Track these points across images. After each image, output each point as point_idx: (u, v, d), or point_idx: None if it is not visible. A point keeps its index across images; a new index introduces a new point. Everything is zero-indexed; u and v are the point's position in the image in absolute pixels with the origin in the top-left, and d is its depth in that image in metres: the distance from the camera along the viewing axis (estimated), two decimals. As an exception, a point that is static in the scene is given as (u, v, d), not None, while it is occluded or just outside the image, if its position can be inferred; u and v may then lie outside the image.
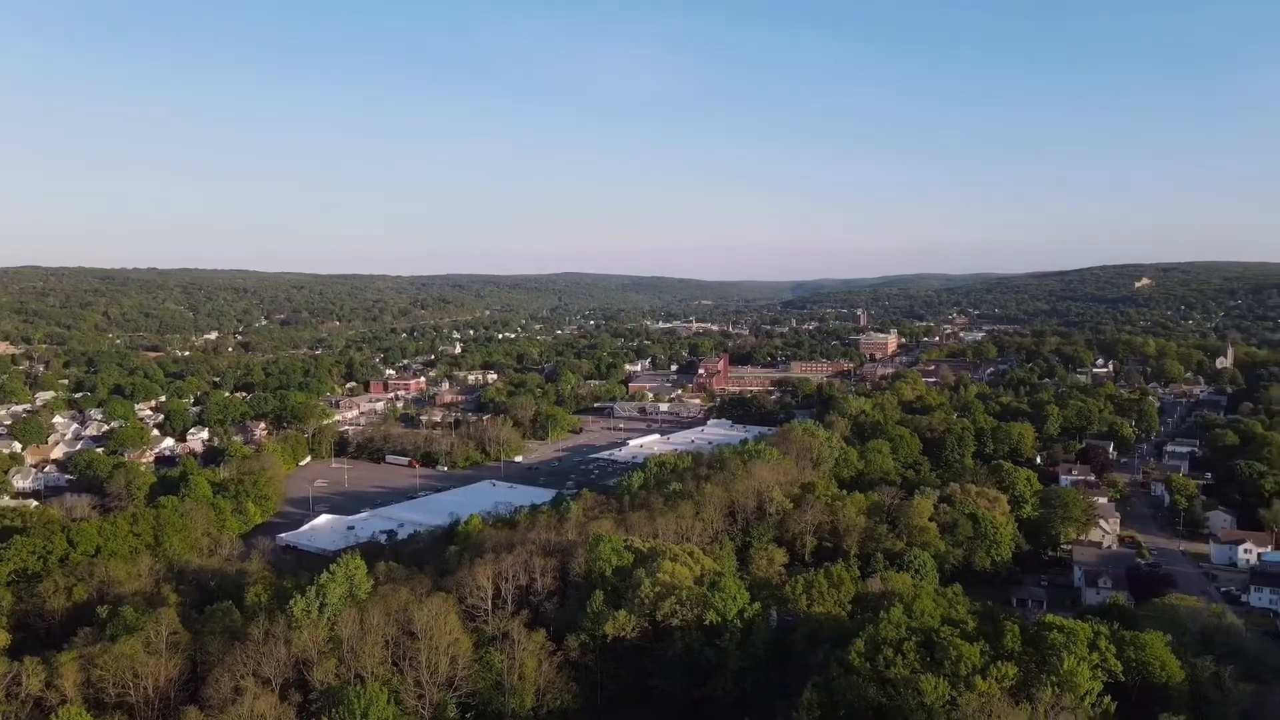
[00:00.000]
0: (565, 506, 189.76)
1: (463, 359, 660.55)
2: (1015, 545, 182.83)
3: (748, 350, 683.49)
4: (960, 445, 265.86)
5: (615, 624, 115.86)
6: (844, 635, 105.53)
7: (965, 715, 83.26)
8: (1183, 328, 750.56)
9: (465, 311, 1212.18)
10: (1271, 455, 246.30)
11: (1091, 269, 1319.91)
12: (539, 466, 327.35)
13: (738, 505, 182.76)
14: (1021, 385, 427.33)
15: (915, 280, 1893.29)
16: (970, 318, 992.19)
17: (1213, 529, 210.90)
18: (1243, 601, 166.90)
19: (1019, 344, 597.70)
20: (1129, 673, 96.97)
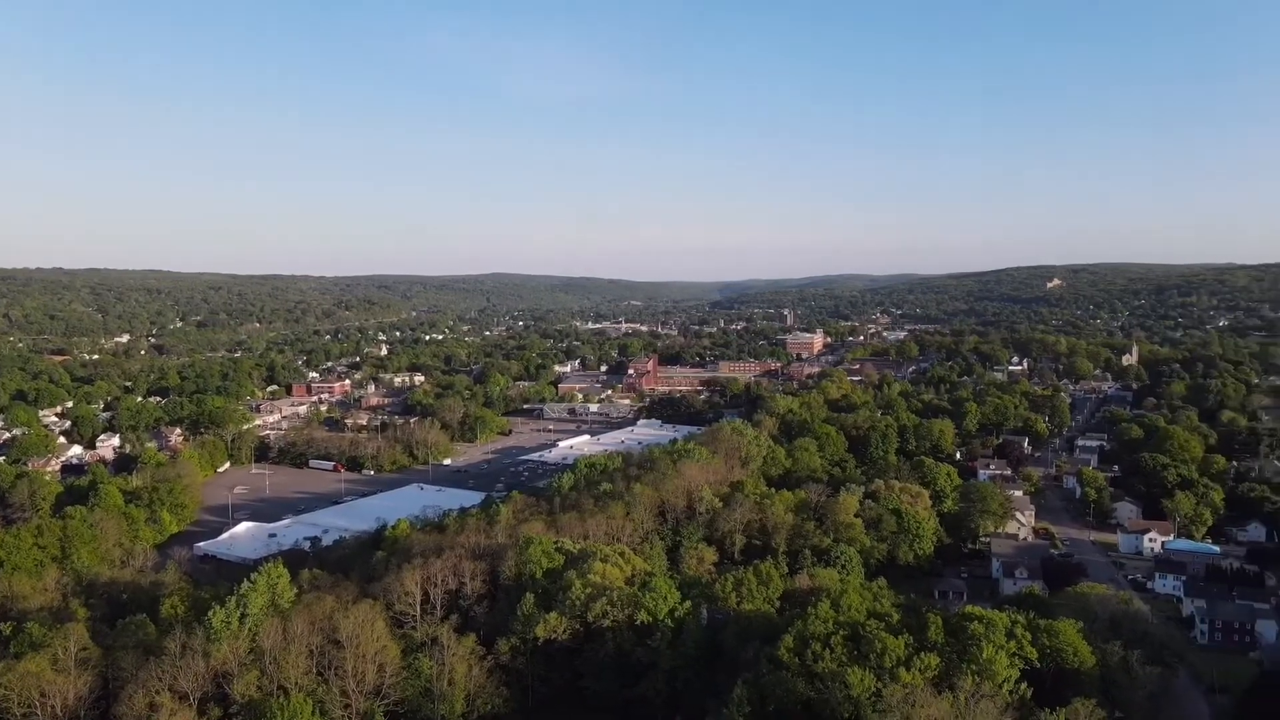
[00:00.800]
0: (495, 509, 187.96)
1: (389, 361, 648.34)
2: (937, 539, 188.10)
3: (677, 350, 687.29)
4: (884, 442, 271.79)
5: (546, 626, 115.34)
6: (773, 631, 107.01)
7: (890, 706, 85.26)
8: (1091, 327, 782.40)
9: (391, 313, 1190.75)
10: (1173, 448, 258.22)
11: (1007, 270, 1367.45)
12: (468, 469, 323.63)
13: (668, 505, 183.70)
14: (942, 383, 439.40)
15: (840, 281, 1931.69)
16: (893, 317, 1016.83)
17: (1120, 519, 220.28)
18: (1148, 588, 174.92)
19: (939, 343, 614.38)
20: (1044, 659, 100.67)
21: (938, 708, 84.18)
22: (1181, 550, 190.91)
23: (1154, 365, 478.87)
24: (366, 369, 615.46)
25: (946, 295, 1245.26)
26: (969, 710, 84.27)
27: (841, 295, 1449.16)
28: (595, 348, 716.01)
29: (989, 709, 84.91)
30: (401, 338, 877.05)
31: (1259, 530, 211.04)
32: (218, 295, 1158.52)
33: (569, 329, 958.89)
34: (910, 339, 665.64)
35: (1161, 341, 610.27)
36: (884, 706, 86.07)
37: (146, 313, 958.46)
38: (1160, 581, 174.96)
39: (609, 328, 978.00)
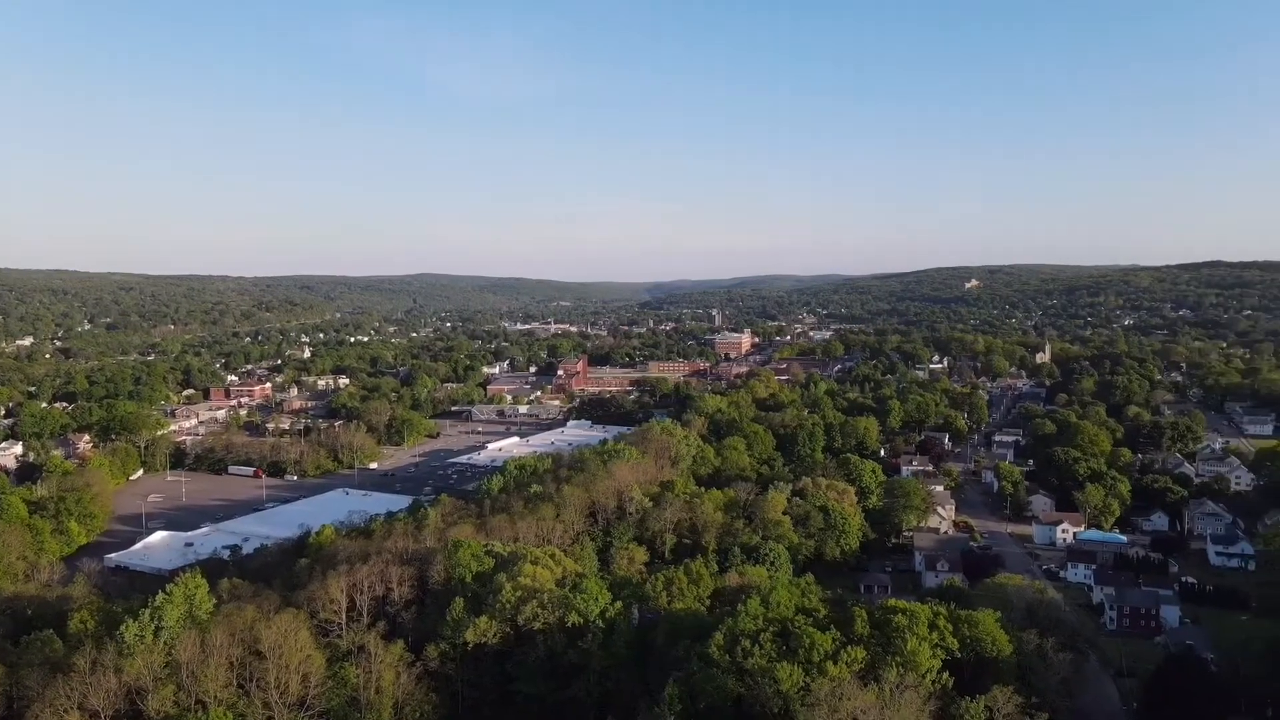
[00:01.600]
0: (423, 513, 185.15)
1: (312, 363, 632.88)
2: (862, 534, 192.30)
3: (606, 351, 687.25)
4: (811, 440, 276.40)
5: (476, 630, 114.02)
6: (704, 630, 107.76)
7: (818, 700, 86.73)
8: (1007, 326, 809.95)
9: (314, 314, 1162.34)
10: (1084, 442, 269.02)
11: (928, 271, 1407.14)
12: (395, 473, 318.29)
13: (598, 505, 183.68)
14: (866, 381, 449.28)
15: (768, 281, 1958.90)
16: (819, 317, 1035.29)
17: (1035, 512, 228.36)
18: (1061, 577, 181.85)
19: (864, 342, 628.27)
20: (964, 649, 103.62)
21: (864, 700, 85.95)
22: (1091, 540, 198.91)
23: (1065, 363, 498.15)
24: (289, 372, 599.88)
25: (870, 295, 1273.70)
26: (894, 701, 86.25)
27: (769, 296, 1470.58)
28: (524, 349, 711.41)
29: (913, 699, 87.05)
30: (325, 340, 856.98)
31: (1162, 520, 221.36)
32: (129, 296, 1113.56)
33: (497, 330, 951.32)
34: (836, 338, 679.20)
35: (1072, 340, 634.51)
36: (812, 700, 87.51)
37: (51, 314, 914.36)
38: (1072, 571, 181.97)
39: (538, 328, 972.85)
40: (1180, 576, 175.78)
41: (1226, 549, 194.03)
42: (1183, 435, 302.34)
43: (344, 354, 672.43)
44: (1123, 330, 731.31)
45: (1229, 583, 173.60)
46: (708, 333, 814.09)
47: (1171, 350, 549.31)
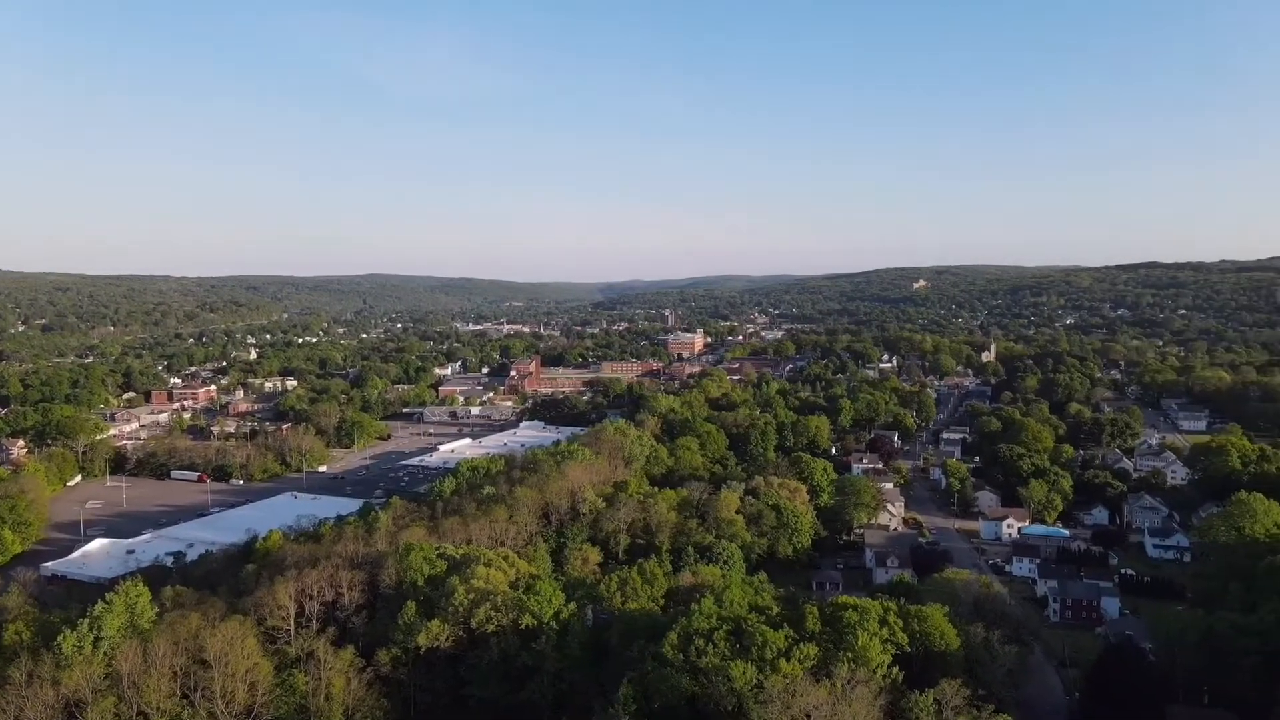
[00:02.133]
0: (374, 516, 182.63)
1: (259, 365, 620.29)
2: (814, 532, 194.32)
3: (559, 351, 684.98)
4: (763, 439, 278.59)
5: (428, 634, 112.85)
6: (658, 629, 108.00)
7: (771, 697, 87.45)
8: (954, 325, 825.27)
9: (261, 315, 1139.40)
10: (1028, 439, 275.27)
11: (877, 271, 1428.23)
12: (345, 476, 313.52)
13: (552, 506, 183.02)
14: (818, 380, 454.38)
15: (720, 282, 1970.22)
16: (771, 317, 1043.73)
17: (981, 507, 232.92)
18: (1007, 571, 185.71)
19: (815, 342, 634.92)
20: (913, 643, 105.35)
21: (816, 696, 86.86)
22: (1035, 535, 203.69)
23: (1010, 361, 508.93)
24: (234, 374, 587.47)
25: (821, 295, 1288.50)
26: (845, 696, 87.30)
27: (721, 296, 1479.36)
28: (476, 349, 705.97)
29: (864, 694, 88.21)
30: (272, 341, 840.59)
31: (1103, 514, 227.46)
32: (65, 297, 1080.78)
33: (449, 331, 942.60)
34: (787, 338, 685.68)
35: (1017, 339, 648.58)
36: (765, 698, 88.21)
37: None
38: (1017, 565, 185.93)
39: (490, 329, 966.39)
40: (1120, 569, 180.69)
41: (1163, 541, 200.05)
42: (1121, 431, 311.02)
43: (292, 355, 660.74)
44: (1064, 329, 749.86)
45: (1166, 574, 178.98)
46: (661, 333, 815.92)
47: (1111, 349, 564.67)
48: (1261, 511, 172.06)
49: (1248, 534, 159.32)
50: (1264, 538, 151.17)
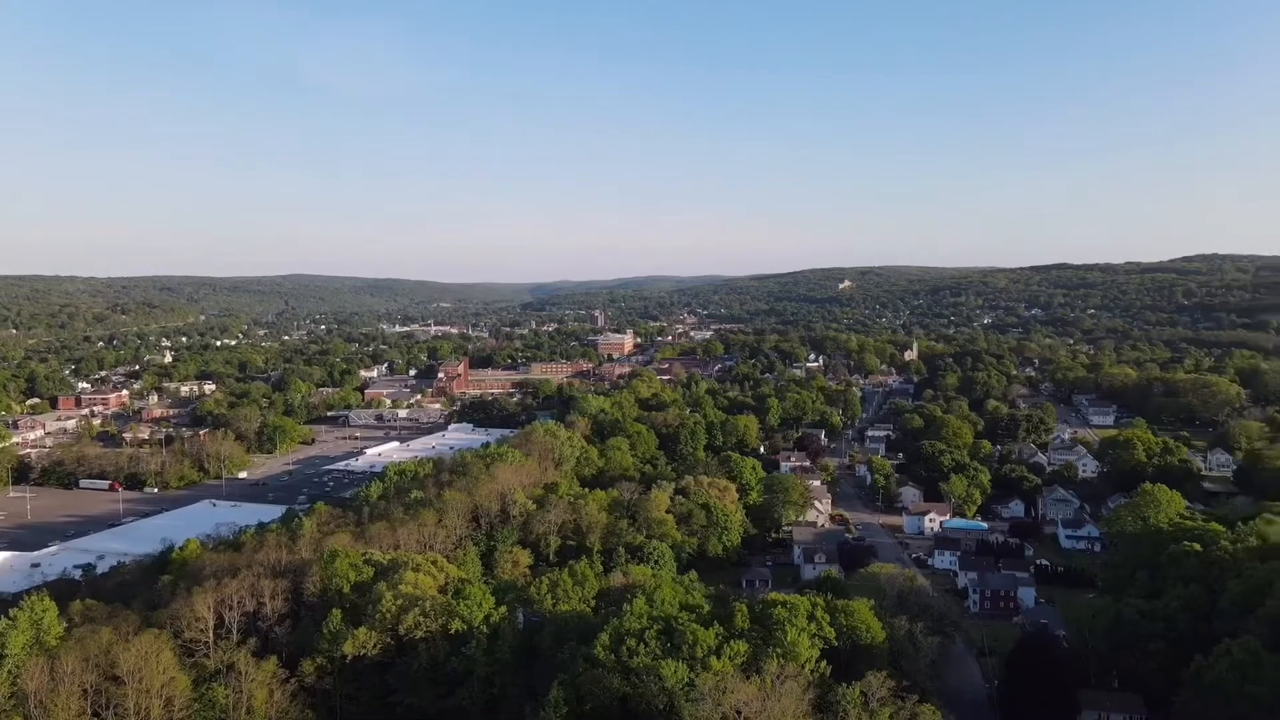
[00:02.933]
0: (297, 523, 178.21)
1: (174, 369, 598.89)
2: (744, 530, 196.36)
3: (488, 353, 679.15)
4: (693, 439, 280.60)
5: (355, 642, 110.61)
6: (589, 631, 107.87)
7: (702, 695, 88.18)
8: (878, 325, 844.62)
9: (176, 317, 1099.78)
10: (948, 435, 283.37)
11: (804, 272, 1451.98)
12: (267, 482, 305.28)
13: (481, 509, 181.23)
14: (746, 380, 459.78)
15: (649, 282, 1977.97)
16: (700, 318, 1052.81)
17: (905, 503, 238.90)
18: (929, 564, 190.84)
19: (743, 341, 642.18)
20: (841, 637, 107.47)
21: (746, 692, 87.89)
22: (956, 528, 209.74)
23: (932, 360, 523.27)
24: (148, 378, 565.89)
25: (749, 296, 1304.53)
26: (775, 691, 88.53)
27: (651, 296, 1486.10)
28: (403, 351, 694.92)
29: (793, 689, 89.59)
30: (189, 344, 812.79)
31: (1019, 507, 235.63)
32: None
33: (375, 332, 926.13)
34: (716, 338, 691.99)
35: (937, 338, 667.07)
36: (696, 695, 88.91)
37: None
38: (939, 558, 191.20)
39: (418, 331, 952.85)
40: (1035, 559, 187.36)
41: (1075, 532, 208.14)
42: (1036, 427, 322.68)
43: (210, 358, 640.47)
44: (982, 328, 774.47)
45: (1078, 563, 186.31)
46: (590, 333, 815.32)
47: (1025, 347, 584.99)
48: (1165, 502, 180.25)
49: (1152, 524, 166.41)
50: (1167, 527, 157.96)
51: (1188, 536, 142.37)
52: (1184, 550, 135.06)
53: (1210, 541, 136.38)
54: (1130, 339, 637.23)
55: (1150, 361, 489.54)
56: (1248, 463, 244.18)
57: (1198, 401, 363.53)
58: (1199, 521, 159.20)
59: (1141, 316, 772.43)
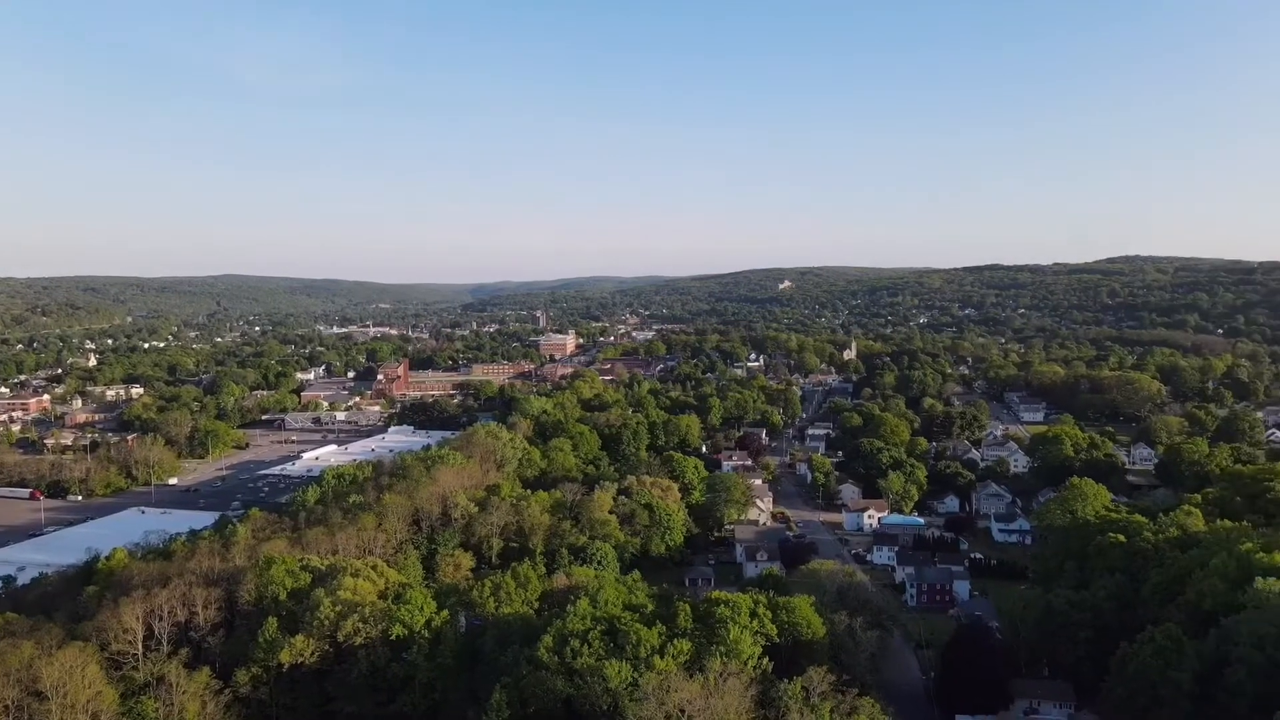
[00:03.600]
0: (231, 529, 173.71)
1: (99, 372, 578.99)
2: (686, 529, 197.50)
3: (428, 354, 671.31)
4: (635, 439, 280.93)
5: (292, 650, 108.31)
6: (533, 633, 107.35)
7: (646, 694, 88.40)
8: (818, 324, 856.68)
9: (102, 319, 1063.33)
10: (886, 433, 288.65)
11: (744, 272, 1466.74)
12: (199, 488, 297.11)
13: (422, 513, 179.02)
14: (688, 380, 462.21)
15: (591, 283, 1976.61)
16: (642, 318, 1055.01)
17: (844, 500, 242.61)
18: (868, 560, 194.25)
19: (685, 342, 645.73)
20: (782, 634, 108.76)
21: (689, 690, 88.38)
22: (894, 524, 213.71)
23: (870, 359, 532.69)
24: (71, 382, 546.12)
25: (691, 296, 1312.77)
26: (718, 689, 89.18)
27: (592, 297, 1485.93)
28: (341, 353, 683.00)
29: (735, 686, 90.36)
30: (115, 346, 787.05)
31: (954, 502, 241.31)
32: None
33: (312, 334, 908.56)
34: (658, 338, 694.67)
35: (875, 337, 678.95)
36: (640, 695, 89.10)
37: None
38: (878, 553, 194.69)
39: (356, 332, 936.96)
40: (970, 553, 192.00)
41: (1007, 526, 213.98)
42: (970, 424, 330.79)
43: (137, 361, 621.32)
44: (918, 328, 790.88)
45: (1010, 556, 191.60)
46: (532, 334, 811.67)
47: (960, 346, 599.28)
48: (1091, 495, 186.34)
49: (1080, 516, 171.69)
50: (1094, 519, 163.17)
51: (1113, 528, 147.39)
52: (1109, 542, 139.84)
53: (1134, 533, 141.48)
54: (1058, 338, 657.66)
55: (1077, 359, 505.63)
56: (1168, 457, 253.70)
57: (1121, 398, 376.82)
58: (1123, 514, 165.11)
59: (1069, 316, 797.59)
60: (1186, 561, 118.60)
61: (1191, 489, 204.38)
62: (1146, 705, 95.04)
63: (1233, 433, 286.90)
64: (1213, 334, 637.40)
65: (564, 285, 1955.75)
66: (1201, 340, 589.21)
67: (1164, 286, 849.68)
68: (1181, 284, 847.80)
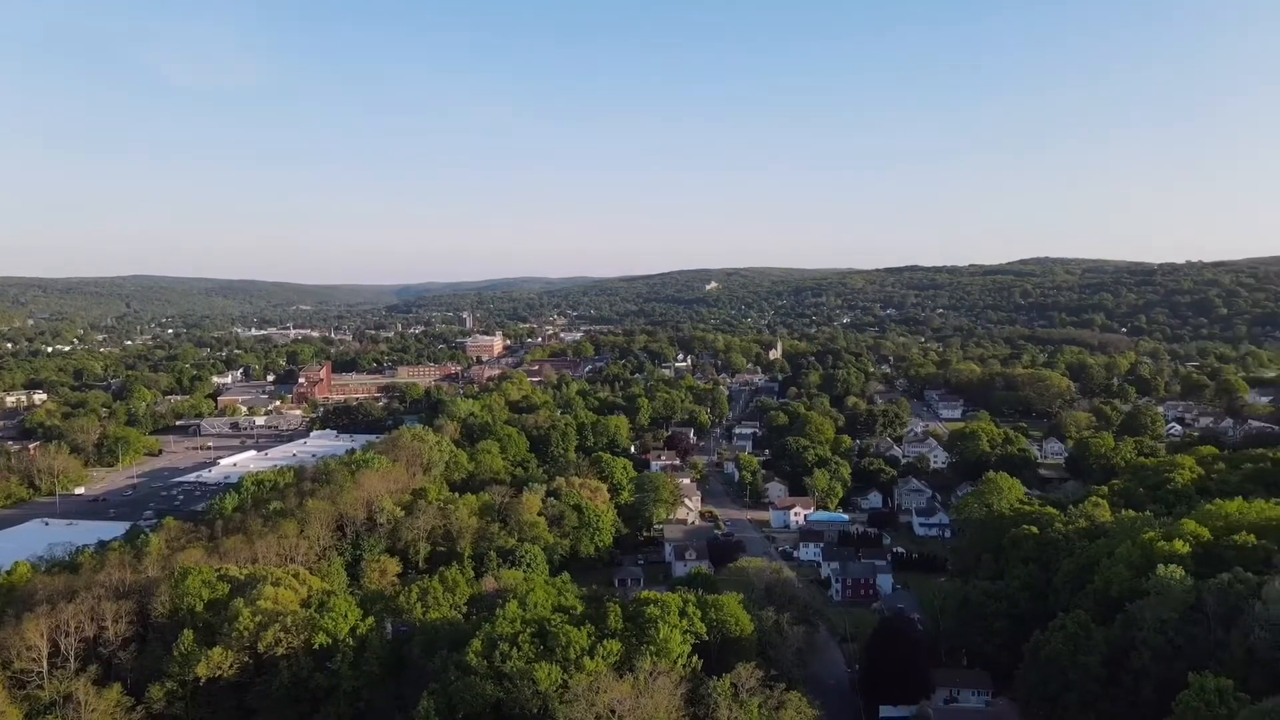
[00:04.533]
0: (143, 540, 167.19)
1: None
2: (615, 530, 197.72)
3: (352, 356, 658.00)
4: (564, 440, 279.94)
5: (209, 663, 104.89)
6: (461, 638, 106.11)
7: (576, 696, 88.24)
8: (744, 325, 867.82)
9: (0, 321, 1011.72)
10: (811, 431, 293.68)
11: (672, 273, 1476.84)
12: (108, 498, 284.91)
13: (347, 518, 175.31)
14: (616, 380, 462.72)
15: (518, 283, 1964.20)
16: (569, 319, 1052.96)
17: (771, 498, 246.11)
18: (795, 556, 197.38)
19: (613, 342, 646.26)
20: (711, 631, 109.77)
21: (620, 690, 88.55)
22: (819, 521, 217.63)
23: (795, 358, 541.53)
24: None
25: (619, 297, 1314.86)
26: (648, 689, 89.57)
27: (520, 298, 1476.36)
28: (260, 356, 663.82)
29: (665, 685, 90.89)
30: (15, 350, 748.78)
31: (877, 498, 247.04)
32: None
33: (229, 336, 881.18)
34: (586, 339, 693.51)
35: (800, 337, 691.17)
36: (570, 697, 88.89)
37: None
38: (804, 550, 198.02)
39: (276, 334, 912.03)
40: (892, 548, 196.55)
41: (928, 520, 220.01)
42: (892, 421, 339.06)
43: (40, 365, 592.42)
44: (842, 328, 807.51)
45: (930, 550, 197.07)
46: (459, 336, 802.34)
47: (882, 345, 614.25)
48: (1006, 488, 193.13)
49: (995, 509, 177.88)
50: (1008, 512, 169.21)
51: (1026, 520, 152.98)
52: (1023, 533, 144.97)
53: (1046, 524, 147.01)
54: (975, 337, 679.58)
55: (992, 358, 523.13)
56: (1077, 450, 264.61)
57: (1034, 394, 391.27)
58: (1036, 506, 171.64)
59: (984, 316, 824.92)
60: (1094, 551, 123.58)
61: (1099, 481, 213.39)
62: (1058, 690, 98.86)
63: (1136, 427, 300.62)
64: (1117, 332, 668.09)
65: (491, 286, 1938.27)
66: (1107, 338, 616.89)
67: (1072, 287, 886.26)
68: (1089, 285, 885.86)
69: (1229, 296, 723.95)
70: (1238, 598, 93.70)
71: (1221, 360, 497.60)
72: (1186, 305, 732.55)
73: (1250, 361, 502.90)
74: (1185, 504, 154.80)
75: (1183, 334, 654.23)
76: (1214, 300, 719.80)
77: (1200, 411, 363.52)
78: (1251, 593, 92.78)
